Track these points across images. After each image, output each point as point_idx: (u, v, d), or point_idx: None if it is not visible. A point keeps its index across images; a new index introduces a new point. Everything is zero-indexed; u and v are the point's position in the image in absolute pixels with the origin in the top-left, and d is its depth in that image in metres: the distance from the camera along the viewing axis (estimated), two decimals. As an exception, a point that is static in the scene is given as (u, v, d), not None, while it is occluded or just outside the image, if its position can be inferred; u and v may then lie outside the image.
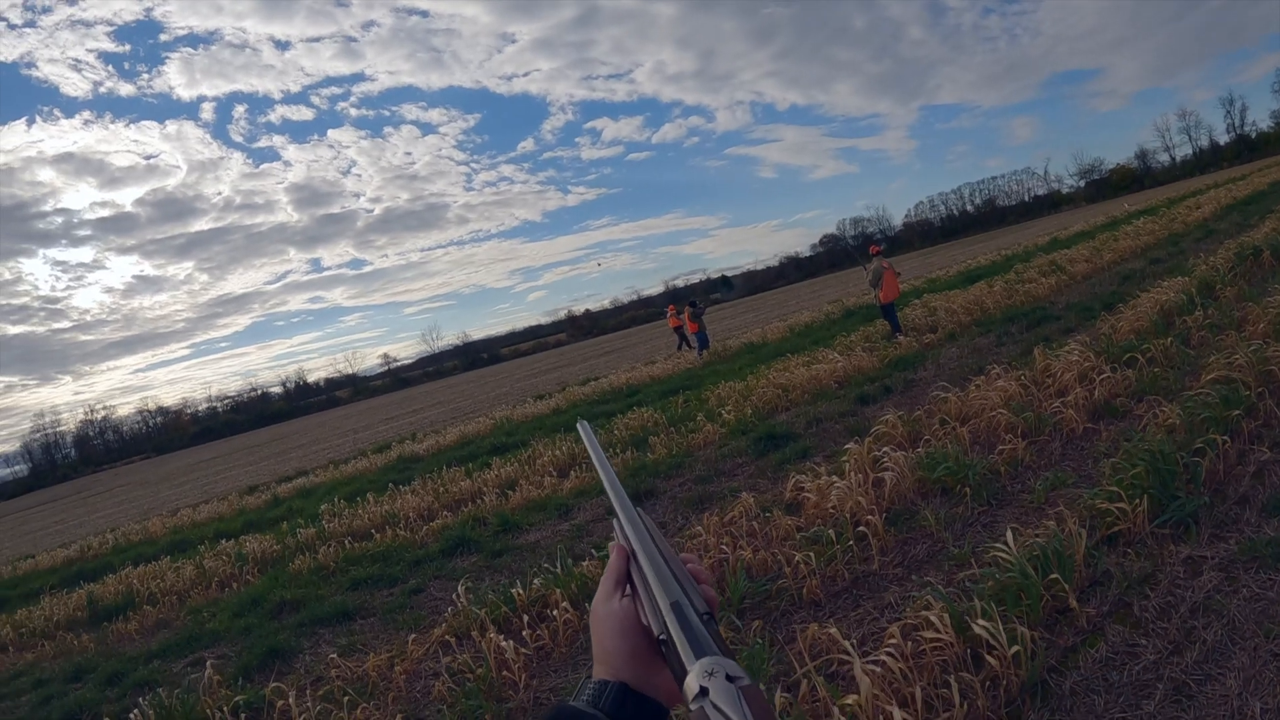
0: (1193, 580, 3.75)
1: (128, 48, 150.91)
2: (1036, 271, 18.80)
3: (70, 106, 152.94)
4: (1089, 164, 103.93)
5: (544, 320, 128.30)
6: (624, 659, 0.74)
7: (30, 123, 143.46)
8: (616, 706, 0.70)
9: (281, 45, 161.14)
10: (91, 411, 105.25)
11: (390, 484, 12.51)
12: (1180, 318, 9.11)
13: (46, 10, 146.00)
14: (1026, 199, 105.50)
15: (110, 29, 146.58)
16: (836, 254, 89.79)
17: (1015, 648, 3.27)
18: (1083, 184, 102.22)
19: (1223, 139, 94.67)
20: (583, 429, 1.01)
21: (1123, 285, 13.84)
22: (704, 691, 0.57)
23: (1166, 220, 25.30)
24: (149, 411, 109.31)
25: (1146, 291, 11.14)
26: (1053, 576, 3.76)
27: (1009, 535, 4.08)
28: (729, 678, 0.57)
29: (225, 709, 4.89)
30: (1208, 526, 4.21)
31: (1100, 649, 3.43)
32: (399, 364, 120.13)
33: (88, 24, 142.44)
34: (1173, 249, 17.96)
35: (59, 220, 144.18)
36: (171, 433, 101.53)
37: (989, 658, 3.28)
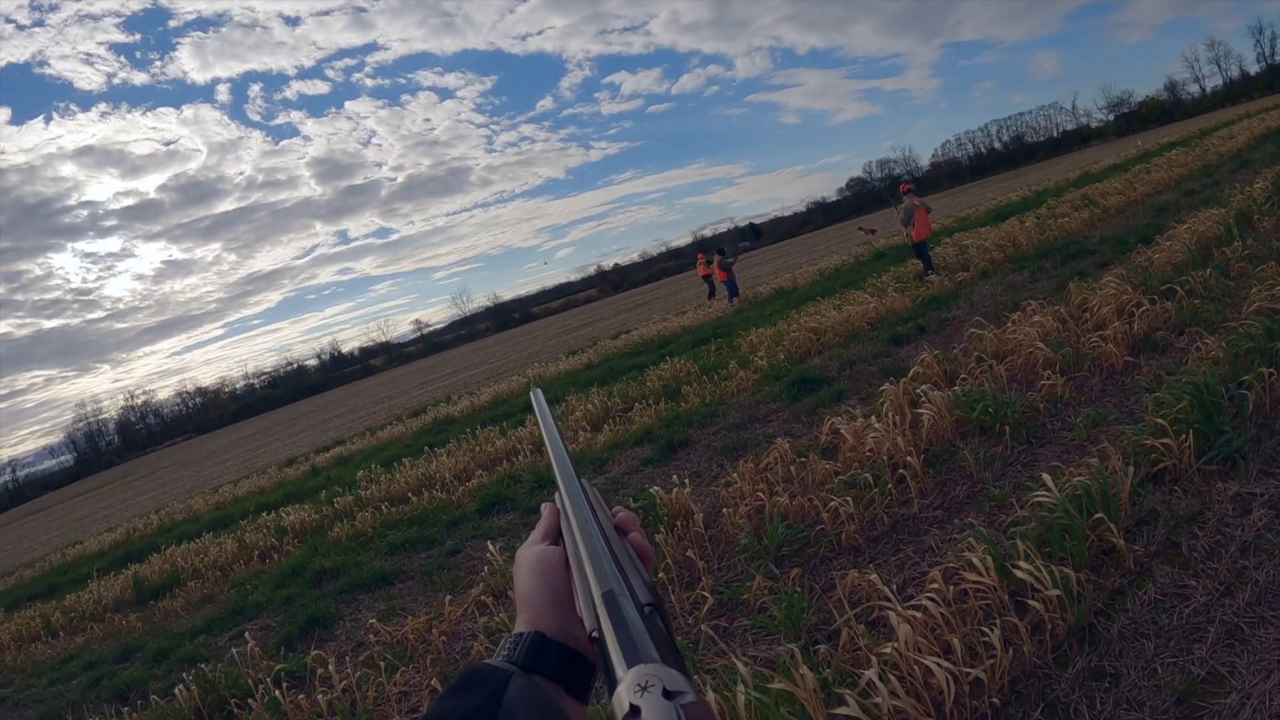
0: (1242, 519, 3.62)
1: (138, 37, 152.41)
2: (1068, 206, 18.28)
3: (86, 100, 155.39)
4: (1118, 97, 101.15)
5: (573, 277, 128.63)
6: (543, 603, 0.66)
7: (48, 120, 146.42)
8: (531, 659, 0.61)
9: (291, 21, 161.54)
10: (131, 397, 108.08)
11: (426, 447, 12.61)
12: (1218, 249, 8.78)
13: (54, 8, 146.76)
14: (1055, 134, 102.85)
15: (119, 20, 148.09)
16: (864, 198, 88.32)
17: (1059, 590, 3.18)
18: (1112, 117, 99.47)
19: (1253, 68, 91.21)
20: (535, 397, 0.96)
21: (1158, 217, 13.37)
22: (635, 710, 0.43)
23: (1200, 151, 24.38)
24: (188, 393, 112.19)
25: (1182, 223, 10.77)
26: (1097, 516, 3.65)
27: (1047, 479, 3.97)
28: (667, 693, 0.44)
29: (268, 679, 4.97)
30: (1256, 462, 4.06)
31: (1148, 591, 3.32)
32: (431, 329, 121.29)
33: (95, 17, 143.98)
34: (1207, 180, 17.29)
35: (84, 213, 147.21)
36: (211, 412, 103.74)
37: (1033, 601, 3.20)
